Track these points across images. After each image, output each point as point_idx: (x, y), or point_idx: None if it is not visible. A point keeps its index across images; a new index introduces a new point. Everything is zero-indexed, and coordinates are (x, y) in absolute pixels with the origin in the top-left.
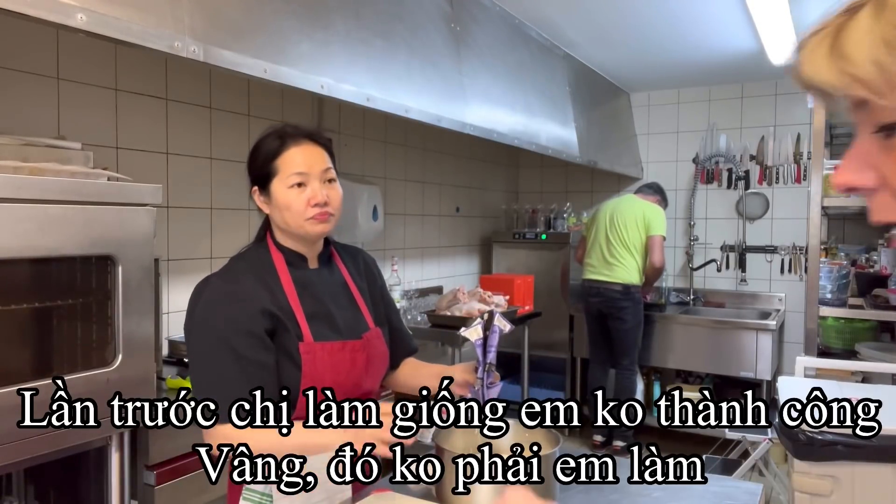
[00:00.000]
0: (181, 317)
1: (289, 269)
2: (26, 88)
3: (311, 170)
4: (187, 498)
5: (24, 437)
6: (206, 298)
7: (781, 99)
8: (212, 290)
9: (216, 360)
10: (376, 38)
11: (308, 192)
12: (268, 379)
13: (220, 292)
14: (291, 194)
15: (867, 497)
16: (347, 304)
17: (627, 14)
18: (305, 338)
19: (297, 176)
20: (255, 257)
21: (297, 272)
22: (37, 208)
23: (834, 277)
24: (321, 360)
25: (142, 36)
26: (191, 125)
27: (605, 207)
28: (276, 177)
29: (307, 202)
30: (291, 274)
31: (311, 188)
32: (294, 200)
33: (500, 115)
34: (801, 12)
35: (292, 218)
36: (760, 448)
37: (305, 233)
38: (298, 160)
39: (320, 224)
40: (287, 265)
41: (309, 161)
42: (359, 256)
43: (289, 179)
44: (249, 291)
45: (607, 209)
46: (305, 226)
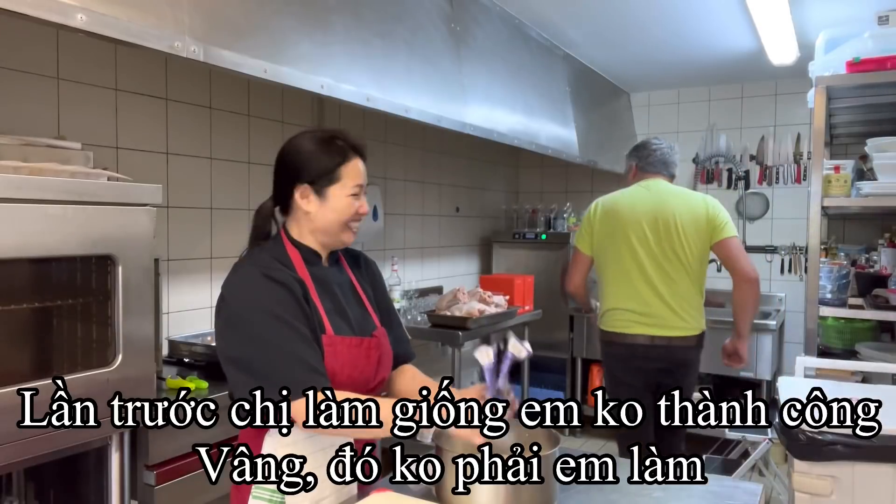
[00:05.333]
0: (181, 317)
1: (305, 265)
2: (26, 88)
3: (364, 181)
4: (187, 498)
5: (24, 437)
6: (245, 282)
7: (781, 99)
8: (247, 273)
9: (274, 334)
10: (376, 38)
11: (359, 202)
12: (318, 353)
13: (256, 275)
14: (349, 202)
15: (867, 497)
16: (356, 304)
17: (627, 14)
18: (328, 331)
19: (357, 188)
20: (275, 250)
21: (312, 268)
22: (37, 208)
23: (834, 277)
24: (341, 354)
25: (142, 36)
26: (191, 125)
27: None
28: (338, 183)
29: (357, 210)
30: (308, 269)
31: (361, 199)
32: (347, 208)
33: (500, 115)
34: (801, 12)
35: (339, 222)
36: (760, 448)
37: (340, 239)
38: (360, 172)
39: (353, 235)
40: (303, 261)
41: (364, 176)
42: (360, 259)
43: (350, 189)
44: (282, 277)
45: (636, 208)
46: (343, 233)
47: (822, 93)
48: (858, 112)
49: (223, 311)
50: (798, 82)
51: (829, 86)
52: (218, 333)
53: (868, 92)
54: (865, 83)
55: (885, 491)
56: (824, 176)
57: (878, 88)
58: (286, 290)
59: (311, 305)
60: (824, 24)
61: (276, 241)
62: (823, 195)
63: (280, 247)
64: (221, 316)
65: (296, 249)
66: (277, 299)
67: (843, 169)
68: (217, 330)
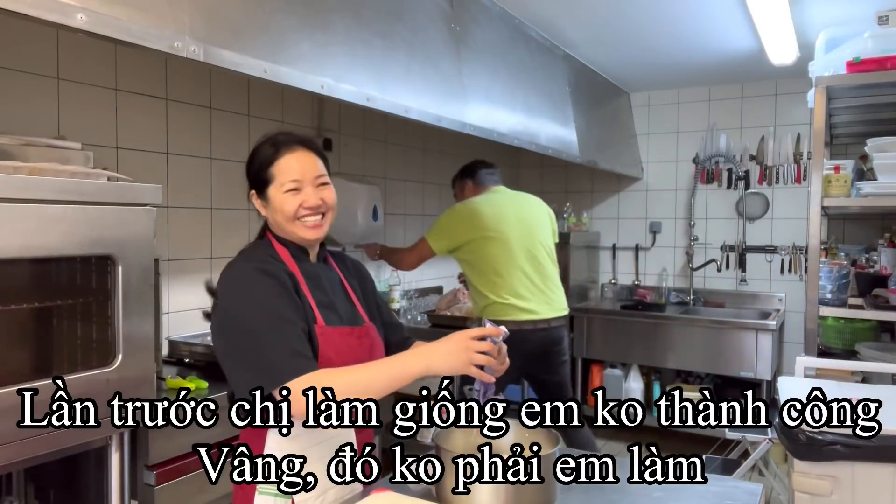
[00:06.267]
0: (181, 317)
1: (294, 260)
2: (26, 88)
3: (304, 176)
4: (187, 498)
5: (24, 437)
6: (239, 276)
7: (781, 99)
8: (241, 269)
9: (268, 326)
10: (376, 38)
11: (301, 196)
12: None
13: (249, 270)
14: (286, 198)
15: (867, 497)
16: (344, 298)
17: (627, 14)
18: (319, 321)
19: (292, 183)
20: (266, 247)
21: (301, 264)
22: (37, 208)
23: (834, 277)
24: (334, 343)
25: (142, 36)
26: (191, 125)
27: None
28: (272, 183)
29: (299, 204)
30: (298, 265)
31: (304, 193)
32: (287, 203)
33: (500, 115)
34: (801, 12)
35: (286, 220)
36: (760, 448)
37: (299, 237)
38: (293, 167)
39: (313, 230)
40: (292, 257)
41: (303, 168)
42: (347, 259)
43: (284, 186)
44: (274, 270)
45: (503, 206)
46: (298, 228)
47: (822, 93)
48: (858, 112)
49: (218, 308)
50: (798, 82)
51: (829, 86)
52: (213, 329)
53: (868, 92)
54: (865, 83)
55: (885, 491)
56: (824, 176)
57: (878, 88)
58: (278, 282)
59: (303, 298)
60: (824, 24)
61: (265, 241)
62: (823, 195)
63: (269, 245)
64: (216, 312)
65: (283, 247)
66: (270, 292)
67: (843, 169)
68: (213, 326)
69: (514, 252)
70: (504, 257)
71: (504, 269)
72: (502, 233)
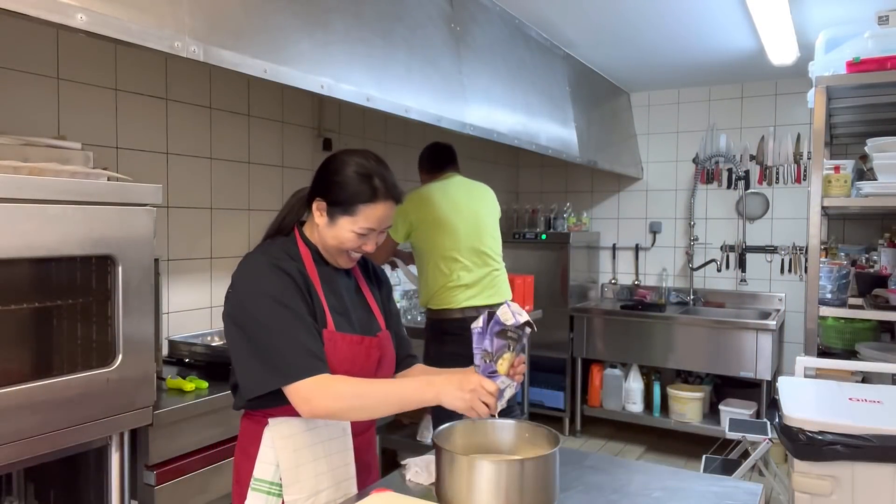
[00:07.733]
0: (181, 317)
1: (314, 263)
2: (26, 88)
3: (378, 227)
4: (187, 498)
5: (24, 437)
6: (254, 269)
7: (781, 99)
8: (256, 262)
9: (278, 320)
10: (376, 37)
11: (365, 240)
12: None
13: (264, 264)
14: (352, 237)
15: (867, 497)
16: (361, 306)
17: (627, 14)
18: (329, 325)
19: (367, 229)
20: (287, 245)
21: (320, 268)
22: (37, 208)
23: (834, 277)
24: (340, 350)
25: (142, 36)
26: (191, 125)
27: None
28: (350, 217)
29: (359, 246)
30: (317, 268)
31: (368, 238)
32: (350, 241)
33: (500, 115)
34: (801, 12)
35: (336, 248)
36: (760, 448)
37: (335, 262)
38: (378, 218)
39: (351, 262)
40: (313, 260)
41: (382, 222)
42: (368, 264)
43: (359, 227)
44: (288, 268)
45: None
46: (339, 257)
47: (822, 93)
48: (858, 112)
49: (231, 298)
50: (798, 82)
51: (829, 86)
52: (226, 316)
53: (868, 92)
54: (865, 83)
55: (885, 491)
56: (824, 176)
57: (878, 88)
58: (291, 280)
59: (315, 300)
60: (824, 24)
61: (290, 237)
62: (823, 195)
63: (293, 243)
64: (229, 301)
65: (307, 248)
66: (282, 288)
67: (843, 169)
68: (224, 315)
69: (461, 241)
70: (451, 245)
71: (451, 257)
72: (451, 222)
